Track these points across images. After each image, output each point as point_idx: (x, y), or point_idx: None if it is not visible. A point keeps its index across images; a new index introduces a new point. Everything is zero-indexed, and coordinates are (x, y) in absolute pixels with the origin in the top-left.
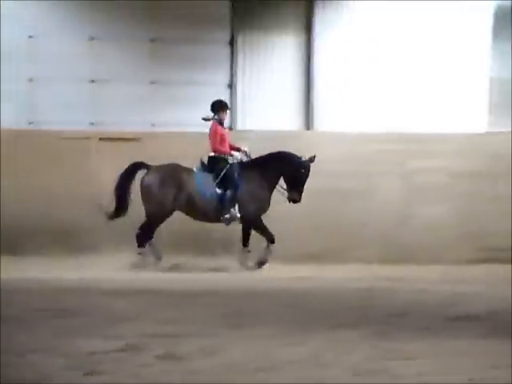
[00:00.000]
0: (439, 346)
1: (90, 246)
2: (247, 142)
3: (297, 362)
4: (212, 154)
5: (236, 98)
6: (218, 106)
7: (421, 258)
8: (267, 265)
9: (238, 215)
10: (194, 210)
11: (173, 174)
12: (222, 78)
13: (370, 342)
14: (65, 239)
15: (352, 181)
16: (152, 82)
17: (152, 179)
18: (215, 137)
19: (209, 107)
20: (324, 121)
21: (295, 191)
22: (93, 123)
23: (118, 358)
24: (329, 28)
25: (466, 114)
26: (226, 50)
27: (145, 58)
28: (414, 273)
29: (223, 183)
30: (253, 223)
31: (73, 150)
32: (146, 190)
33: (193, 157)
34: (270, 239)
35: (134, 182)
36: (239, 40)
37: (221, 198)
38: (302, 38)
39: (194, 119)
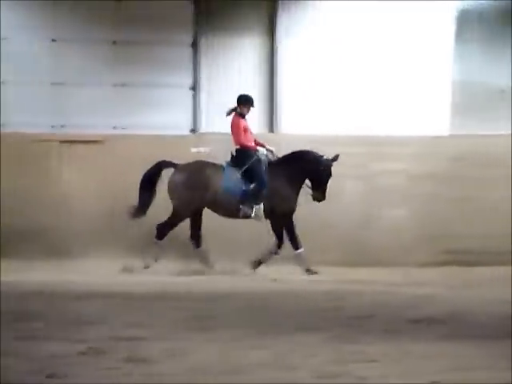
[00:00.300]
0: (402, 348)
1: (54, 249)
2: (211, 144)
3: (261, 364)
4: (238, 147)
5: (199, 100)
6: (243, 100)
7: (383, 260)
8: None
9: (261, 214)
10: (220, 205)
11: (199, 171)
12: (186, 80)
13: (333, 344)
14: (30, 241)
15: None
16: (114, 85)
17: (179, 178)
18: (238, 130)
19: (172, 110)
20: (287, 123)
21: (319, 190)
22: (55, 126)
23: (81, 361)
24: (292, 29)
25: (428, 116)
26: (189, 52)
27: (107, 61)
28: (376, 275)
29: (249, 177)
30: (277, 222)
31: (35, 153)
32: (173, 189)
33: (154, 159)
34: (279, 244)
35: (160, 180)
36: (202, 42)
37: (245, 193)
38: (265, 39)
39: (157, 121)
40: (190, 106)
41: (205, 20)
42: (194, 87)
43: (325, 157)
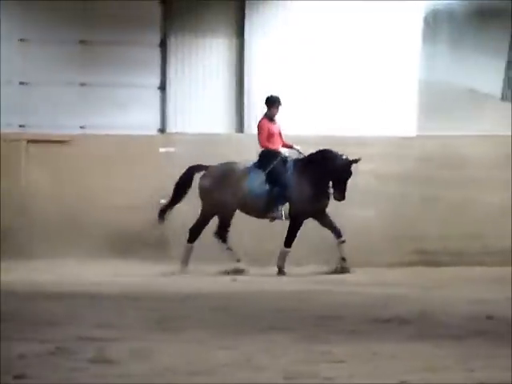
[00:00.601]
0: (370, 348)
1: (20, 249)
2: (178, 144)
3: (229, 365)
4: (262, 149)
5: (168, 100)
6: (269, 102)
7: (352, 260)
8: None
9: (283, 214)
10: (248, 207)
11: (228, 174)
12: (154, 79)
13: (301, 344)
14: None
15: None
16: (82, 84)
17: (209, 181)
18: (262, 132)
19: (139, 110)
20: (256, 123)
21: (338, 190)
22: (22, 125)
23: (48, 362)
24: (261, 29)
25: (395, 117)
26: (157, 52)
27: (75, 60)
28: (345, 275)
29: (272, 180)
30: (295, 220)
31: (2, 153)
32: (204, 191)
33: (122, 159)
34: (289, 242)
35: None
36: (170, 42)
37: (269, 195)
38: (234, 40)
39: (125, 121)
40: (158, 106)
41: (173, 20)
42: (163, 87)
43: (344, 156)
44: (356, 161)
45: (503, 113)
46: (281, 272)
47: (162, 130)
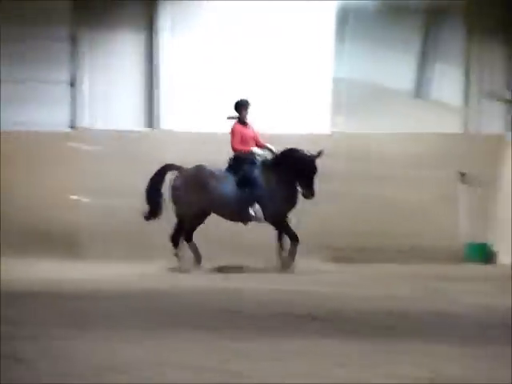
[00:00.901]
0: (279, 344)
1: None
2: (89, 140)
3: (142, 362)
4: (234, 153)
5: (78, 96)
6: (238, 105)
7: (260, 255)
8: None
9: (260, 215)
10: (222, 210)
11: (198, 176)
12: (64, 75)
13: (210, 340)
14: None
15: None
16: None
17: (179, 182)
18: (234, 136)
19: (50, 105)
20: (168, 120)
21: (306, 187)
22: None
23: None
24: (173, 25)
25: (309, 114)
26: (68, 48)
27: None
28: (264, 272)
29: (242, 182)
30: (276, 223)
31: None
32: (173, 193)
33: (32, 156)
34: (294, 238)
35: (164, 183)
36: (82, 37)
37: (239, 197)
38: (146, 35)
39: (35, 117)
40: (69, 102)
41: (85, 15)
42: (73, 83)
43: (307, 152)
44: (319, 154)
45: (415, 110)
46: (286, 266)
47: (73, 126)
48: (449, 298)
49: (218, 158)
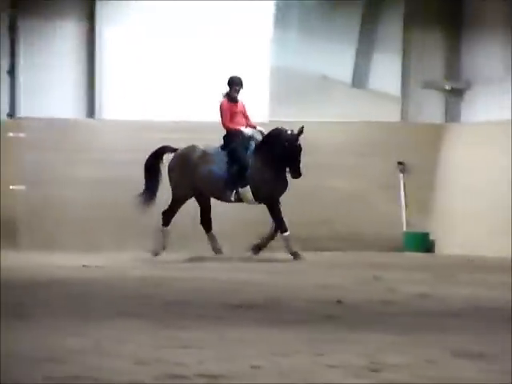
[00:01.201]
0: (219, 333)
1: None
2: (28, 129)
3: (78, 351)
4: (226, 131)
5: (17, 84)
6: (230, 83)
7: (197, 245)
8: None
9: (250, 196)
10: (209, 189)
11: (189, 156)
12: (2, 63)
13: (150, 330)
14: None
15: (136, 170)
16: None
17: (171, 163)
18: (224, 113)
19: None
20: (109, 109)
21: (293, 167)
22: None
23: None
24: (113, 14)
25: (247, 103)
26: (6, 36)
27: None
28: (194, 260)
29: (232, 160)
30: (268, 205)
31: None
32: (168, 174)
33: None
34: (280, 227)
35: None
36: (21, 26)
37: (228, 176)
38: (86, 24)
39: None
40: (7, 90)
41: (24, 4)
42: (11, 71)
43: (290, 131)
44: (301, 131)
45: (354, 99)
46: (296, 256)
47: (11, 115)
48: (387, 287)
49: (158, 146)
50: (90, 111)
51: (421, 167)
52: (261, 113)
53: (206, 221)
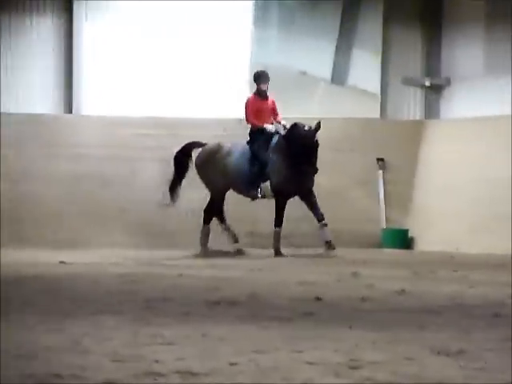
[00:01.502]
0: (200, 330)
1: None
2: (3, 125)
3: (56, 348)
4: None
5: None
6: (256, 78)
7: (181, 242)
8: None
9: (269, 192)
10: (234, 184)
11: (216, 152)
12: None
13: (130, 327)
14: None
15: (112, 165)
16: None
17: (199, 160)
18: (248, 109)
19: None
20: (86, 104)
21: (306, 164)
22: None
23: None
24: (90, 9)
25: (227, 99)
26: None
27: None
28: (175, 258)
29: (254, 157)
30: (275, 198)
31: None
32: (198, 172)
33: None
34: (276, 221)
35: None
36: None
37: (250, 172)
38: (63, 21)
39: None
40: None
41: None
42: None
43: (307, 127)
44: (318, 127)
45: (334, 95)
46: (278, 253)
47: None
48: (366, 283)
49: (135, 143)
50: (68, 107)
51: (400, 164)
52: (240, 109)
53: (219, 212)
